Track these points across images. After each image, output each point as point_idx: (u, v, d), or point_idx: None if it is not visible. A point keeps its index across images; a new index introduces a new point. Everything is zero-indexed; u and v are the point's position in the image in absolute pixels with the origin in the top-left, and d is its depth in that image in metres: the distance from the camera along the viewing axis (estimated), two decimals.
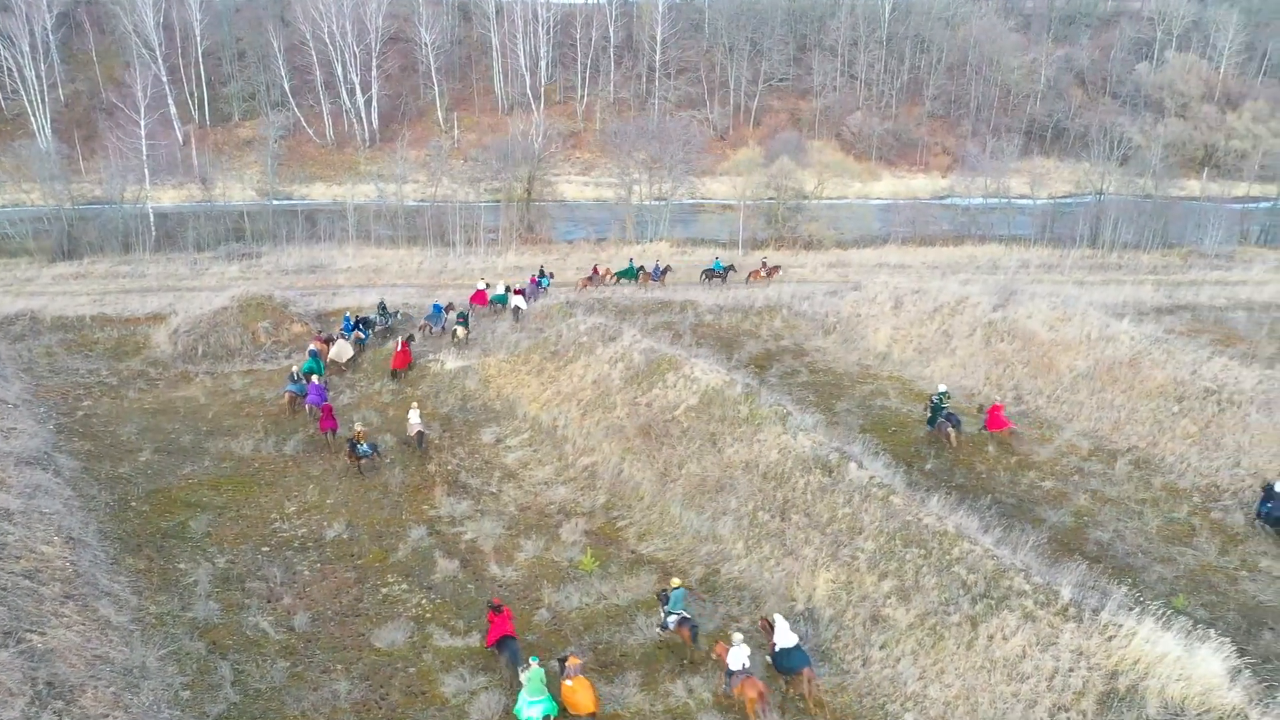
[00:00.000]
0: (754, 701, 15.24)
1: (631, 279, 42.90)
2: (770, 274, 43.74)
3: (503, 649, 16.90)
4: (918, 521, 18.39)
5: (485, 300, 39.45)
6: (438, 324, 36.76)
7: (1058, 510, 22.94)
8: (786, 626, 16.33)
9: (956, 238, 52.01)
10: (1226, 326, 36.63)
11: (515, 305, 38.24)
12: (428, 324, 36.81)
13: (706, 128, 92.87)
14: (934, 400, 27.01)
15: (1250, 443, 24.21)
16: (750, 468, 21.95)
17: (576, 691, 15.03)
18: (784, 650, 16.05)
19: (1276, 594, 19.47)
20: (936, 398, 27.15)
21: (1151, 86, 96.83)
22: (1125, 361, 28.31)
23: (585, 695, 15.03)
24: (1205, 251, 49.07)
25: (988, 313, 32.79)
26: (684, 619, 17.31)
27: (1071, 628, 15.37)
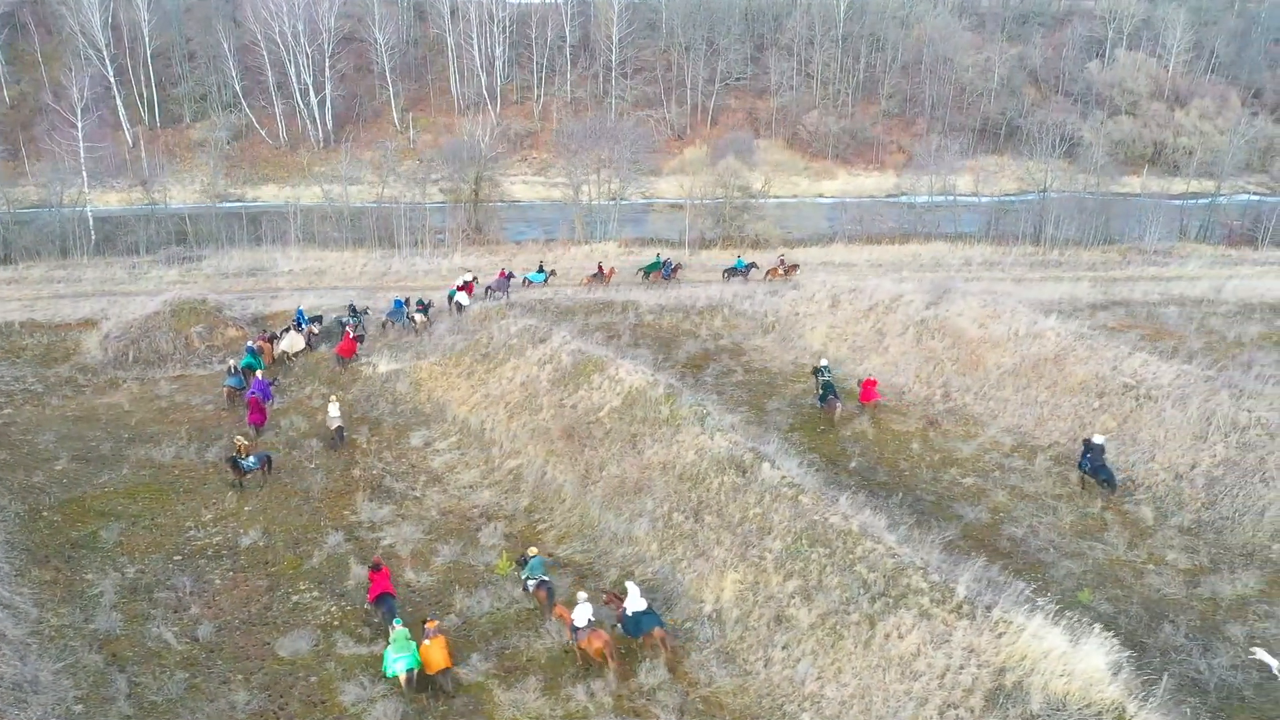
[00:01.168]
0: (599, 650, 16.71)
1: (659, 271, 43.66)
2: (789, 272, 43.58)
3: (381, 604, 18.31)
4: (824, 521, 18.44)
5: (472, 290, 39.99)
6: (399, 319, 36.86)
7: (975, 507, 23.12)
8: (638, 592, 17.49)
9: (903, 236, 52.38)
10: (1158, 322, 37.14)
11: (457, 302, 38.30)
12: (389, 320, 36.94)
13: (664, 127, 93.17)
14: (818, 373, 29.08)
15: (1165, 437, 24.53)
16: (668, 469, 21.93)
17: (431, 650, 16.53)
18: (635, 614, 17.20)
19: (1180, 587, 19.73)
20: (820, 371, 29.16)
21: (1102, 84, 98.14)
22: (1050, 358, 28.60)
23: (439, 654, 16.54)
24: (1145, 248, 49.79)
25: (920, 311, 33.01)
26: (542, 582, 18.91)
27: (965, 625, 15.47)
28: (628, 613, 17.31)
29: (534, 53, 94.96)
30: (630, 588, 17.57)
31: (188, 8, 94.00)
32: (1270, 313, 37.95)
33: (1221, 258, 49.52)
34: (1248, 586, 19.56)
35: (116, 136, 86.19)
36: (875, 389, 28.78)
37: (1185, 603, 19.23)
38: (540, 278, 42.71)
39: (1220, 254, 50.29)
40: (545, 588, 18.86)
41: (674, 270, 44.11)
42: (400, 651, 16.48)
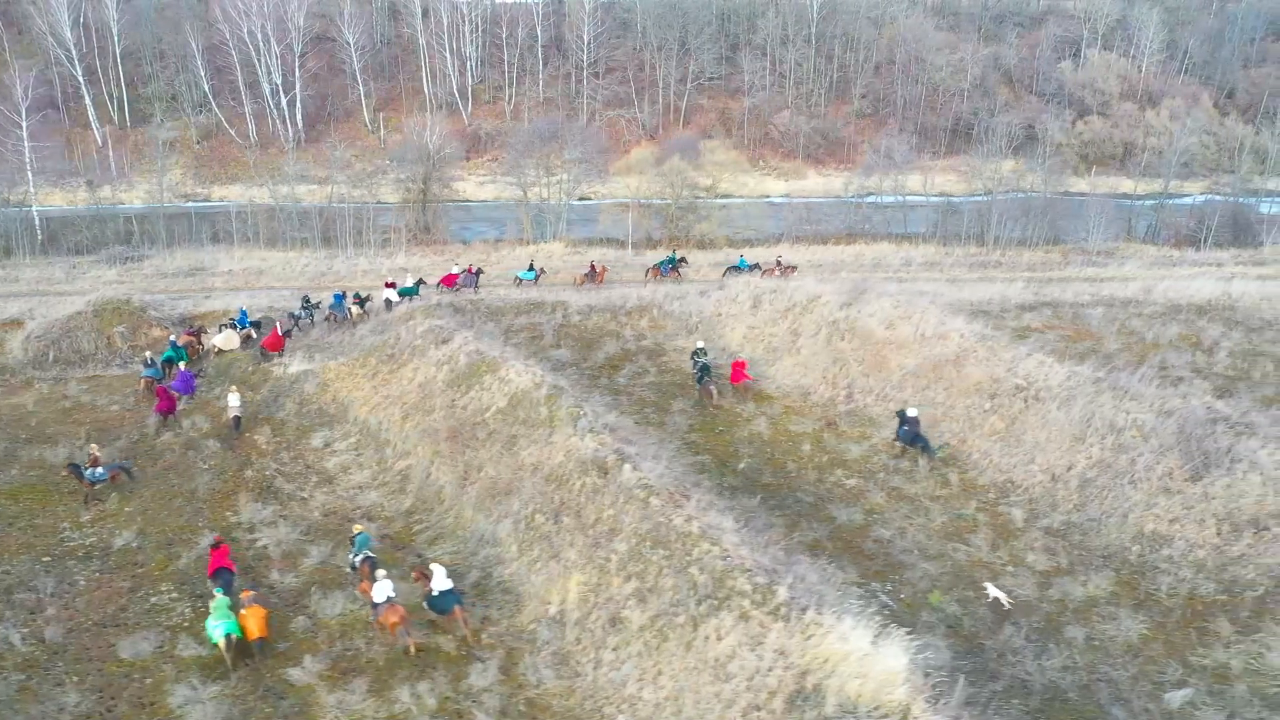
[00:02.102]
0: (395, 625, 17.63)
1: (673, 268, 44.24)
2: (785, 272, 43.60)
3: (218, 579, 19.16)
4: (668, 523, 18.47)
5: (453, 282, 41.50)
6: (341, 312, 37.46)
7: (851, 508, 23.15)
8: (444, 573, 18.44)
9: (849, 236, 52.40)
10: (1082, 323, 37.13)
11: (386, 298, 38.62)
12: (333, 313, 37.50)
13: (635, 127, 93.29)
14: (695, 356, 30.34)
15: (1047, 438, 24.57)
16: (537, 470, 21.97)
17: (248, 619, 17.64)
18: (440, 594, 18.18)
19: (1033, 588, 19.77)
20: (697, 354, 30.54)
21: (1074, 85, 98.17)
22: (951, 359, 28.63)
23: (255, 622, 17.64)
24: (1088, 248, 49.77)
25: (835, 312, 33.03)
26: (368, 558, 19.90)
27: (780, 627, 15.50)
28: (433, 592, 18.27)
29: (505, 53, 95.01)
30: (436, 568, 18.59)
31: (159, 7, 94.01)
32: (1195, 314, 37.96)
33: (1163, 258, 49.53)
34: (1099, 588, 19.60)
35: (85, 136, 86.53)
36: (744, 370, 30.20)
37: (1034, 604, 19.26)
38: (530, 275, 43.42)
39: (1163, 255, 50.29)
40: (369, 563, 19.68)
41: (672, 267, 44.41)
42: (220, 619, 17.51)
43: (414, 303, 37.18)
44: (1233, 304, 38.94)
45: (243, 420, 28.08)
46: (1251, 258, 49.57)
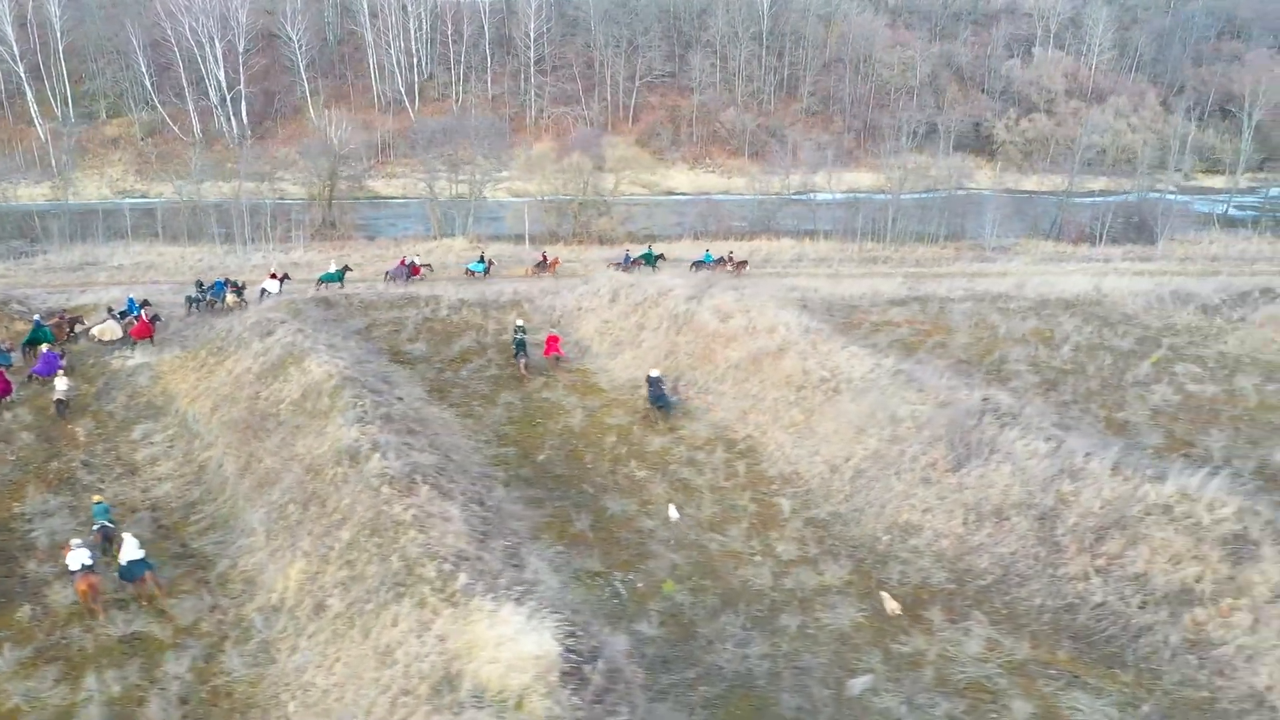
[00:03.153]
0: (85, 593, 18.21)
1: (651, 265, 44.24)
2: (738, 268, 43.50)
3: None
4: (389, 512, 18.52)
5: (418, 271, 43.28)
6: (220, 300, 38.12)
7: (628, 499, 23.20)
8: (136, 544, 18.90)
9: (751, 233, 52.43)
10: (944, 317, 37.13)
11: (262, 288, 39.12)
12: (212, 300, 38.04)
13: (583, 124, 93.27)
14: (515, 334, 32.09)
15: (834, 430, 24.62)
16: (302, 460, 22.01)
17: None
18: (129, 563, 18.68)
19: (770, 577, 19.80)
20: (516, 329, 32.40)
21: (1021, 83, 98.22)
22: (772, 352, 28.67)
23: None
24: (984, 244, 49.81)
25: (680, 305, 33.06)
26: (103, 527, 20.63)
27: (449, 613, 15.55)
28: (124, 561, 18.75)
29: (450, 50, 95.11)
30: (127, 538, 19.00)
31: (102, 4, 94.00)
32: (1060, 308, 37.98)
33: (1057, 254, 49.54)
34: (835, 578, 19.65)
35: (28, 133, 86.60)
36: (557, 344, 32.12)
37: (765, 593, 19.29)
38: (480, 267, 43.97)
39: (1058, 251, 50.30)
40: (104, 533, 20.33)
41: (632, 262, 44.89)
42: None
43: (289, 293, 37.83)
44: (1100, 299, 38.96)
45: (67, 405, 28.18)
46: (1142, 254, 49.58)
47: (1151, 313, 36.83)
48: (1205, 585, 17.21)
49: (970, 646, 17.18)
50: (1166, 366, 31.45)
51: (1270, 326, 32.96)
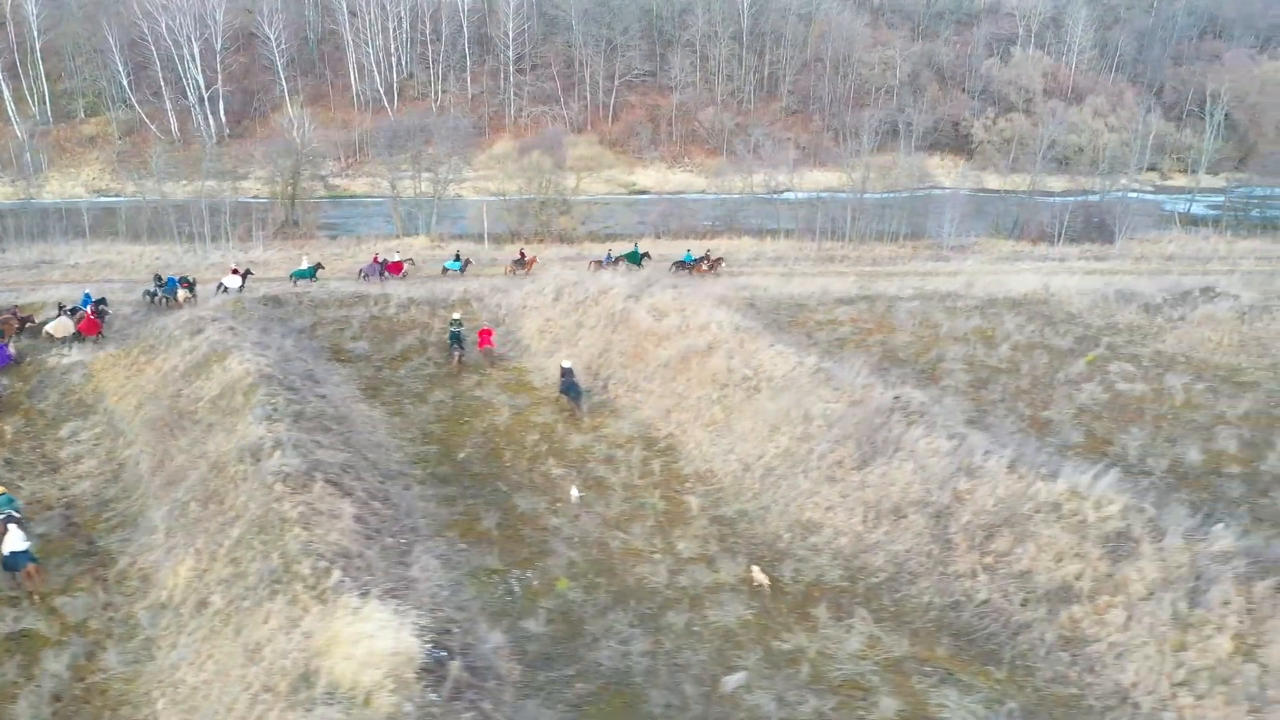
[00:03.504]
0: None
1: (636, 263, 43.91)
2: (713, 266, 43.66)
3: None
4: (279, 508, 18.53)
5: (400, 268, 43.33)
6: (171, 295, 38.39)
7: (540, 497, 23.23)
8: (20, 536, 19.17)
9: (714, 231, 52.46)
10: (889, 316, 37.12)
11: (221, 283, 39.59)
12: (164, 296, 38.36)
13: (562, 123, 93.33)
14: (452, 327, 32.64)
15: (751, 428, 24.65)
16: (209, 457, 22.04)
17: None
18: (12, 553, 18.89)
19: (667, 574, 19.81)
20: (453, 322, 32.96)
21: (1000, 82, 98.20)
22: (701, 351, 28.67)
23: None
24: (942, 244, 49.81)
25: (619, 303, 33.08)
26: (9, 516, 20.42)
27: (317, 610, 15.57)
28: (6, 550, 18.91)
29: (429, 49, 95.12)
30: (13, 529, 19.30)
31: (81, 3, 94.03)
32: (1006, 307, 38.01)
33: (1016, 253, 49.49)
34: (729, 575, 19.66)
35: (5, 131, 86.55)
36: (490, 338, 32.92)
37: (659, 590, 19.31)
38: (456, 265, 43.97)
39: (1017, 249, 50.27)
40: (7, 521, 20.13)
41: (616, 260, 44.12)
42: None
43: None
44: (1048, 298, 38.99)
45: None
46: (1099, 253, 49.57)
47: (1095, 312, 36.85)
48: (1085, 583, 17.24)
49: (851, 644, 17.20)
50: (1102, 365, 31.49)
51: (1207, 325, 32.96)
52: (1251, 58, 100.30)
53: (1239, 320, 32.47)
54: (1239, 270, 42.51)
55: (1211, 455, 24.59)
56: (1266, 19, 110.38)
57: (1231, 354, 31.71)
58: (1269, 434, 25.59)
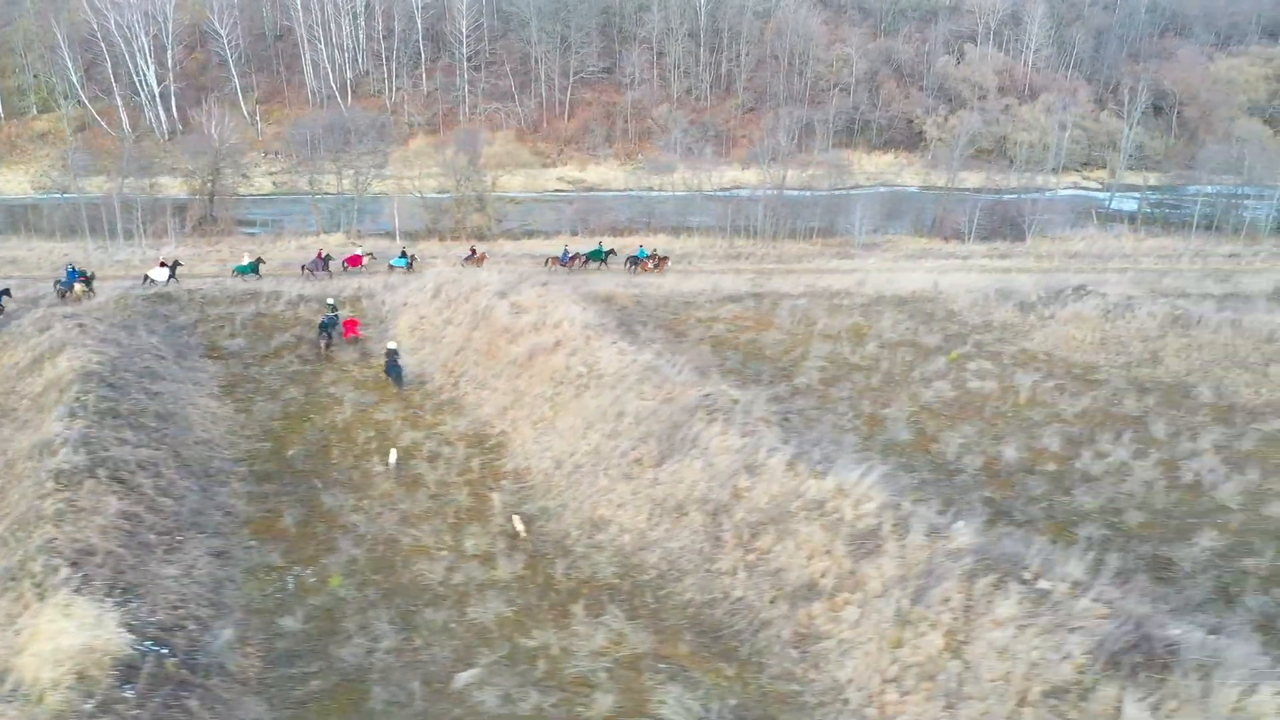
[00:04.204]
0: None
1: (600, 260, 44.22)
2: (659, 265, 43.68)
3: None
4: (40, 505, 18.54)
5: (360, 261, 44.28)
6: (67, 288, 38.94)
7: (349, 495, 23.22)
8: None
9: (631, 228, 52.50)
10: (772, 314, 37.13)
11: (147, 275, 40.75)
12: (61, 289, 38.89)
13: (514, 120, 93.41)
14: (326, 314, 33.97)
15: (570, 425, 24.66)
16: (7, 454, 22.05)
17: None
18: None
19: (445, 571, 19.81)
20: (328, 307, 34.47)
21: (954, 79, 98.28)
22: (548, 349, 28.67)
23: None
24: (855, 241, 49.83)
25: (487, 300, 33.10)
26: None
27: (35, 607, 15.57)
28: None
29: (381, 46, 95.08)
30: None
31: None
32: (891, 305, 38.04)
33: (922, 251, 49.51)
34: (508, 572, 19.68)
35: None
36: (355, 327, 34.20)
37: (432, 587, 19.31)
38: (403, 262, 44.17)
39: (926, 247, 50.28)
40: None
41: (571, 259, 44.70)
42: None
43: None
44: (935, 296, 39.01)
45: None
46: (1005, 250, 49.58)
47: (975, 309, 36.88)
48: (829, 580, 17.25)
49: (595, 641, 17.21)
50: (963, 363, 31.50)
51: (1074, 323, 32.98)
52: (1209, 56, 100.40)
53: (1103, 318, 32.49)
54: (1134, 269, 42.54)
55: (1032, 453, 24.64)
56: (1227, 17, 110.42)
57: (1091, 352, 31.73)
58: (1096, 432, 25.66)
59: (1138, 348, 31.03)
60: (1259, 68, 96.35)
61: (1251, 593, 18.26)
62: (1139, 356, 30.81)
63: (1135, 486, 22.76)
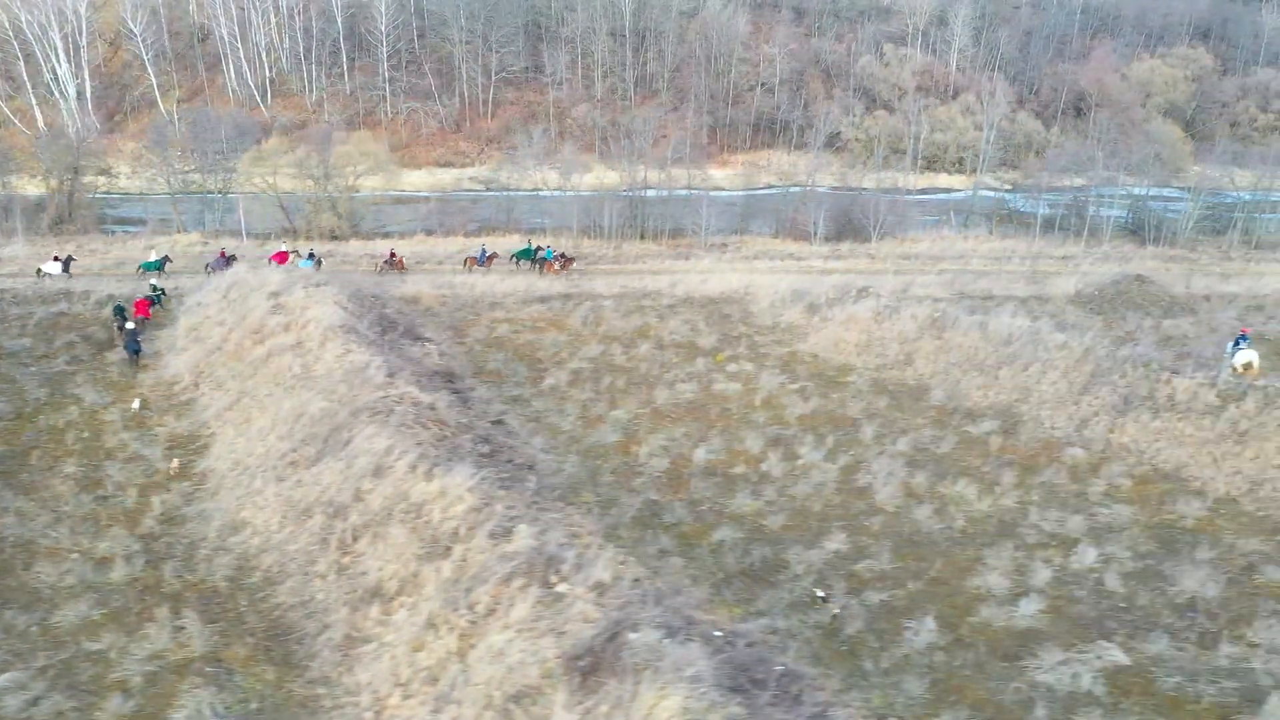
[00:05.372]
0: None
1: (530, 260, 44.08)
2: (565, 266, 43.63)
3: None
4: None
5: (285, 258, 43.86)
6: None
7: (13, 498, 23.07)
8: None
9: (488, 228, 52.40)
10: (568, 316, 37.04)
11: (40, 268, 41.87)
12: None
13: (433, 119, 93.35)
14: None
15: (260, 427, 24.54)
16: None
17: None
18: None
19: (59, 575, 19.64)
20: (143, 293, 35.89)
21: (875, 80, 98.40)
22: (286, 349, 28.55)
23: None
24: (702, 241, 49.77)
25: (254, 301, 32.94)
26: None
27: None
28: None
29: (300, 44, 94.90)
30: None
31: None
32: (690, 306, 38.02)
33: (764, 251, 49.39)
34: (123, 574, 19.55)
35: None
36: (146, 307, 35.56)
37: (36, 591, 19.16)
38: (309, 264, 43.89)
39: (769, 248, 50.16)
40: None
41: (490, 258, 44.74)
42: None
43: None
44: (742, 297, 38.96)
45: None
46: (845, 251, 49.49)
47: (771, 310, 36.84)
48: (394, 583, 17.19)
49: (158, 644, 17.10)
50: (726, 365, 31.46)
51: (846, 326, 32.93)
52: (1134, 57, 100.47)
53: (873, 320, 32.44)
54: (959, 270, 42.51)
55: (729, 455, 24.62)
56: (1160, 18, 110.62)
57: (853, 354, 31.68)
58: (805, 435, 25.61)
59: (895, 350, 30.97)
60: (1178, 69, 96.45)
61: (844, 595, 18.27)
62: (894, 359, 30.75)
63: (806, 489, 22.73)
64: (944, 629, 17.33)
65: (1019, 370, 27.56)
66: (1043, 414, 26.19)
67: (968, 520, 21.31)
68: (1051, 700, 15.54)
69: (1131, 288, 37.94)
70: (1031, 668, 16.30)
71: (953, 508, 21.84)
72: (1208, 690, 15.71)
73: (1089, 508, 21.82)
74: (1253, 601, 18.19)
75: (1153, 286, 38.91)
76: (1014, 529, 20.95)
